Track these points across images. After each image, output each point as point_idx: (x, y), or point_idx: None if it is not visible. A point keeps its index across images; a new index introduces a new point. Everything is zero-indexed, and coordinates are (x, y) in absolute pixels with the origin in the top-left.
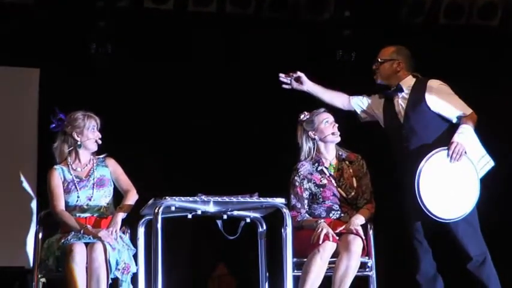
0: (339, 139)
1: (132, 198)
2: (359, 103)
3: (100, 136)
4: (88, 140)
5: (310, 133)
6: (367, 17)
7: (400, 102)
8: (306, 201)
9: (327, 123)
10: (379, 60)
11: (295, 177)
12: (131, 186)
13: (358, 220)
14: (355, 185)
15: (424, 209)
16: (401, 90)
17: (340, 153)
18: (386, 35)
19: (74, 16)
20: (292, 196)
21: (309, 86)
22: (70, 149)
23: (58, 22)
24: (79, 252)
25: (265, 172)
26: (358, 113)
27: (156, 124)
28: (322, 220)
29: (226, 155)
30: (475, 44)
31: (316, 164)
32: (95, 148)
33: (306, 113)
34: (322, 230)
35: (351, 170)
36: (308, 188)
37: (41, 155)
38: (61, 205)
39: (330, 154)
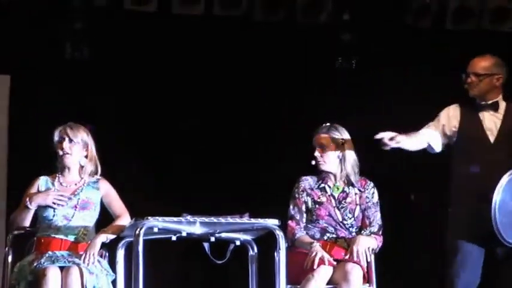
0: (320, 167)
1: (122, 220)
2: (438, 136)
3: (65, 148)
4: (56, 152)
5: None
6: (367, 21)
7: (493, 119)
8: (304, 215)
9: (314, 149)
10: (480, 73)
11: (295, 190)
12: (125, 211)
13: (367, 243)
14: (356, 213)
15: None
16: (497, 108)
17: (352, 178)
18: (388, 40)
19: (47, 18)
20: (291, 206)
21: (401, 143)
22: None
23: (30, 26)
24: (53, 276)
25: (257, 191)
26: (438, 148)
27: (136, 135)
28: (317, 243)
29: (215, 171)
30: (486, 49)
31: (320, 181)
32: (63, 162)
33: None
34: (316, 254)
35: (357, 197)
36: (305, 201)
37: (11, 168)
38: None
39: (336, 176)
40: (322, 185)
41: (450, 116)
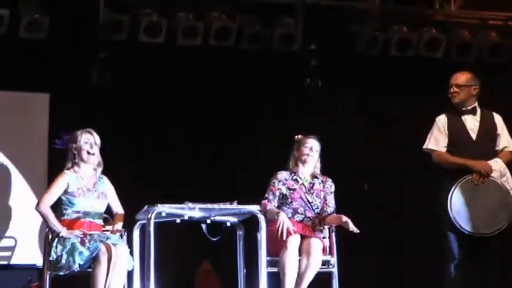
0: (308, 163)
1: (122, 220)
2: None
3: (92, 149)
4: (82, 150)
5: (295, 152)
6: (330, 50)
7: (473, 121)
8: (276, 198)
9: (305, 148)
10: (460, 84)
11: (273, 180)
12: (121, 210)
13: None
14: (321, 197)
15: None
16: (476, 112)
17: (316, 173)
18: (346, 65)
19: (78, 48)
20: (267, 192)
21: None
22: (72, 162)
23: (66, 54)
24: (108, 251)
25: (245, 184)
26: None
27: (150, 143)
28: (282, 213)
29: (212, 168)
30: (422, 72)
31: (293, 174)
32: (89, 159)
33: (300, 136)
34: (283, 224)
35: (321, 186)
36: (280, 188)
37: (51, 178)
38: (49, 204)
39: (305, 171)
40: (295, 177)
41: (443, 124)
